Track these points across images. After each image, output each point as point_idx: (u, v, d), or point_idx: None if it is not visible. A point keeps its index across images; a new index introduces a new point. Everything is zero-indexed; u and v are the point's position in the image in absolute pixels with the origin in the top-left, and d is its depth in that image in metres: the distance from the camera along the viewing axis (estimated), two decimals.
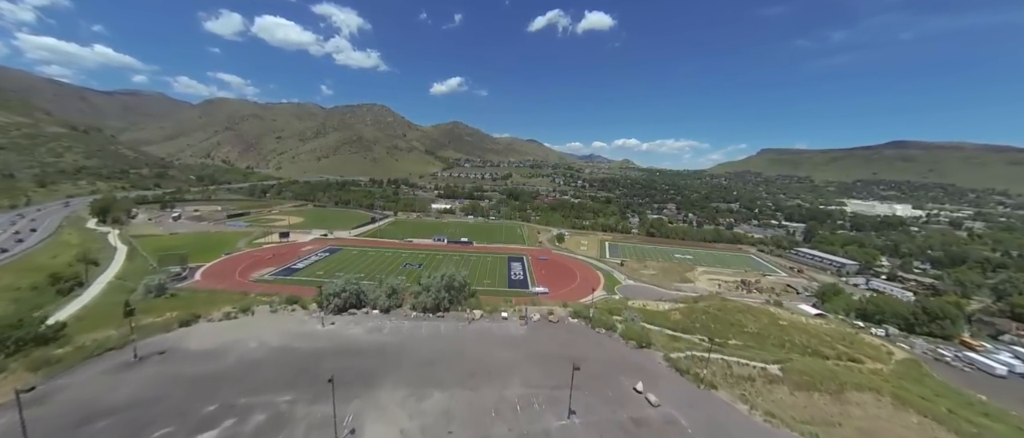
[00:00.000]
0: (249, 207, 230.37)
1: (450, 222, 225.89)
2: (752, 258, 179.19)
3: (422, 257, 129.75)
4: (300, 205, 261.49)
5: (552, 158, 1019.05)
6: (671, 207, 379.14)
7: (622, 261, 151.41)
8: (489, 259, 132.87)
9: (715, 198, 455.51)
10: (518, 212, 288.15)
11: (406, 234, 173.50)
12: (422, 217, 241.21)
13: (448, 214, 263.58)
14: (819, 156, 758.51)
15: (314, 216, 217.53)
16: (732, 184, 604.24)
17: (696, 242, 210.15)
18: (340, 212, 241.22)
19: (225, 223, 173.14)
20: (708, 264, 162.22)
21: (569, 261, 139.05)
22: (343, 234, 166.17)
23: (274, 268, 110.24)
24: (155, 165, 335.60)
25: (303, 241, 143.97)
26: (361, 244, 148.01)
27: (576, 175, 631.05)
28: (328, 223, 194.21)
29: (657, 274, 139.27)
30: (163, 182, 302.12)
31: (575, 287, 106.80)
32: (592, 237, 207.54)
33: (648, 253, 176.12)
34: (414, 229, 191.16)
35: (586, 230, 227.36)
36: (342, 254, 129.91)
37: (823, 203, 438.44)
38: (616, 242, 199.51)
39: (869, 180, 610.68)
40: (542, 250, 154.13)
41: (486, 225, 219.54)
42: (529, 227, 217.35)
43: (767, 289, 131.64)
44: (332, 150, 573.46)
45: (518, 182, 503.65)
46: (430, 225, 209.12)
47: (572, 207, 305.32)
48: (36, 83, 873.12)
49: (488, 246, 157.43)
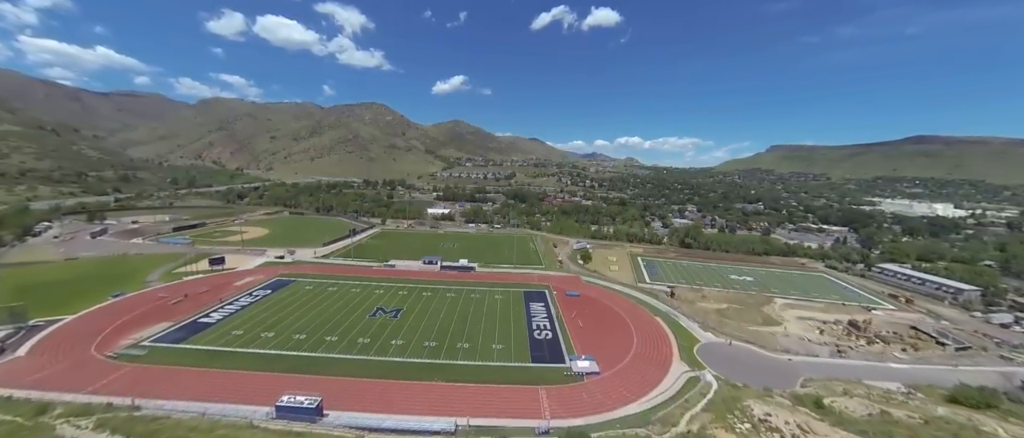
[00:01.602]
0: (211, 216, 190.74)
1: (448, 233, 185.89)
2: (827, 279, 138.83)
3: (403, 297, 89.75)
4: (274, 212, 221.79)
5: (555, 157, 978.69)
6: (691, 209, 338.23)
7: (671, 290, 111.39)
8: (498, 296, 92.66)
9: (734, 198, 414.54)
10: (526, 217, 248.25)
11: (390, 254, 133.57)
12: (415, 226, 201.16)
13: (446, 221, 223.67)
14: (834, 152, 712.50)
15: (284, 227, 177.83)
16: (747, 182, 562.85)
17: (744, 255, 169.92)
18: (318, 221, 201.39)
19: (159, 241, 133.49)
20: (778, 289, 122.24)
21: (607, 297, 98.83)
22: (307, 254, 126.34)
23: (172, 323, 70.56)
24: (122, 167, 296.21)
25: (244, 269, 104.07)
26: (324, 271, 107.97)
27: (582, 174, 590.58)
28: (297, 237, 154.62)
29: (727, 312, 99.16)
30: (127, 186, 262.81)
31: (635, 355, 66.74)
32: (619, 250, 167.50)
33: (695, 273, 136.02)
34: (402, 245, 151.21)
35: (610, 241, 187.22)
36: (289, 291, 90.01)
37: (851, 202, 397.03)
38: (649, 257, 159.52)
39: (891, 177, 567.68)
40: (567, 278, 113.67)
41: (491, 237, 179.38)
42: (542, 238, 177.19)
43: (889, 335, 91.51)
44: (327, 150, 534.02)
45: (523, 182, 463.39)
46: (423, 238, 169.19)
47: (586, 211, 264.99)
48: (26, 84, 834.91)
49: (495, 271, 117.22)
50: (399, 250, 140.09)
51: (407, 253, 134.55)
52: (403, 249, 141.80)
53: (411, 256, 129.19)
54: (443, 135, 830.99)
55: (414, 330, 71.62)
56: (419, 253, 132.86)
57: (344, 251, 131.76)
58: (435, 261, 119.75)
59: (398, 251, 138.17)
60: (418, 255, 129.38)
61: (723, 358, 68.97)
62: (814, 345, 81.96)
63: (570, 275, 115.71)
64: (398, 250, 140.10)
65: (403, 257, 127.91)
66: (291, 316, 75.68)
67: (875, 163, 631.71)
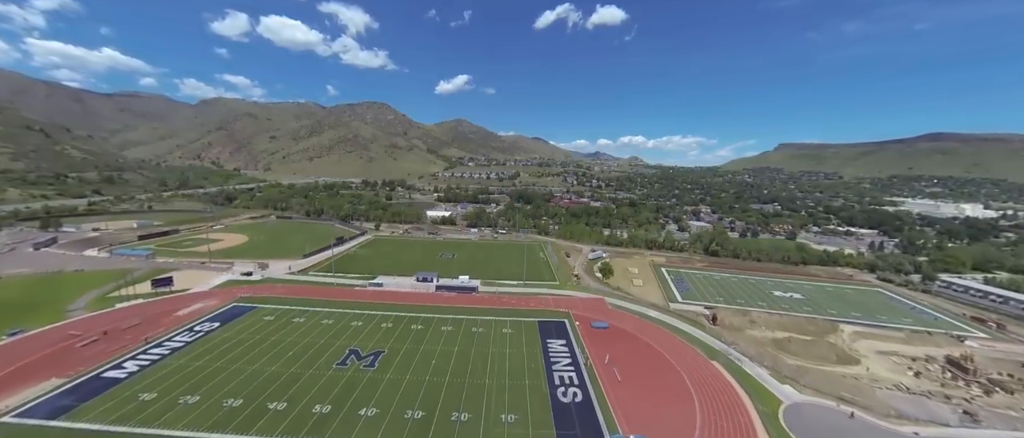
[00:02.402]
0: (188, 221, 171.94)
1: (448, 240, 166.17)
2: (887, 296, 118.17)
3: (386, 332, 70.04)
4: (260, 216, 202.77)
5: (558, 156, 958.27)
6: (705, 210, 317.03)
7: (713, 315, 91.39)
8: (507, 330, 72.73)
9: (748, 198, 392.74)
10: (532, 220, 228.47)
11: (380, 267, 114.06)
12: (412, 231, 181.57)
13: (447, 225, 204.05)
14: (846, 150, 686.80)
15: (267, 234, 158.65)
16: (759, 181, 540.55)
17: (780, 266, 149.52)
18: (307, 226, 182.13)
19: (113, 253, 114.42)
20: (836, 310, 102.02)
21: (642, 328, 78.74)
22: (282, 268, 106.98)
23: (65, 379, 51.16)
24: (108, 168, 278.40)
25: (196, 292, 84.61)
26: (295, 293, 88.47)
27: (587, 173, 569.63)
28: (278, 245, 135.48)
29: (788, 345, 78.93)
30: (109, 188, 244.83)
31: (704, 433, 46.74)
32: (639, 260, 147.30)
33: (732, 289, 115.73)
34: (395, 256, 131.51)
35: (626, 248, 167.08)
36: (243, 324, 70.48)
37: (871, 202, 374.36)
38: (674, 267, 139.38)
39: (907, 176, 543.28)
40: (590, 301, 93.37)
41: (495, 245, 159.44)
42: (553, 245, 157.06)
43: (1007, 379, 71.07)
44: (326, 150, 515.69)
45: (527, 182, 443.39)
46: (420, 247, 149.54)
47: (596, 213, 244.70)
48: (26, 84, 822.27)
49: (502, 291, 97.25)
50: (391, 263, 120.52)
51: (399, 266, 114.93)
52: (395, 261, 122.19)
53: (404, 270, 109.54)
54: (445, 134, 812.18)
55: (394, 390, 51.89)
56: (413, 267, 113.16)
57: (327, 264, 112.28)
58: (430, 278, 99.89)
59: (389, 264, 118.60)
60: (412, 269, 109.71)
61: (822, 430, 48.79)
62: (926, 400, 61.54)
63: (592, 297, 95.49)
64: (389, 263, 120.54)
65: (394, 272, 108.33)
66: (232, 367, 56.10)
67: (889, 161, 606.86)
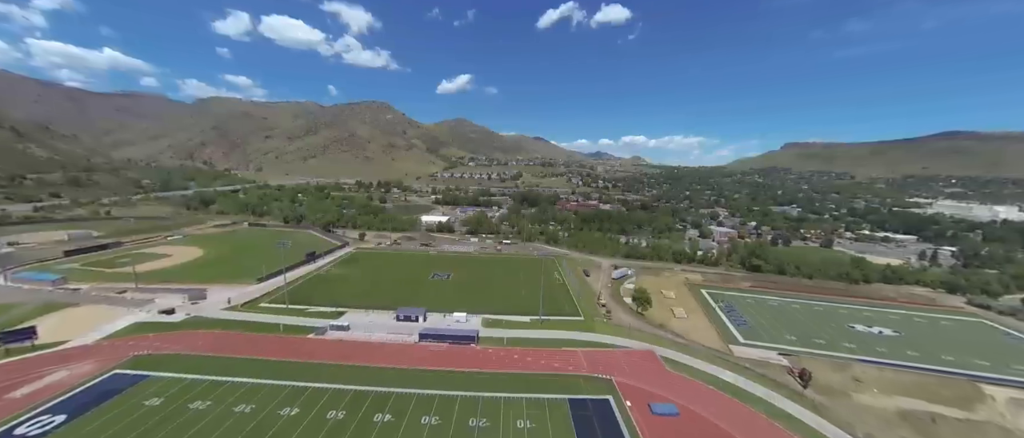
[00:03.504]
0: (141, 231, 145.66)
1: (443, 254, 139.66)
2: (997, 330, 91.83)
3: (333, 427, 43.95)
4: (231, 224, 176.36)
5: (560, 156, 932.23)
6: (722, 213, 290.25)
7: (799, 368, 65.21)
8: (523, 424, 46.11)
9: (763, 199, 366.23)
10: (539, 224, 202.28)
11: (352, 295, 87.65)
12: (402, 242, 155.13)
13: (444, 233, 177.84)
14: (856, 150, 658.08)
15: (228, 247, 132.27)
16: (770, 181, 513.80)
17: (843, 286, 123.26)
18: (280, 235, 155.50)
19: (9, 279, 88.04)
20: (952, 354, 75.97)
21: (728, 414, 52.30)
22: (221, 300, 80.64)
23: None
24: (77, 168, 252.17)
25: (68, 349, 57.99)
26: (219, 347, 61.93)
27: (592, 174, 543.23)
28: (233, 264, 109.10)
29: (938, 430, 52.71)
30: (70, 191, 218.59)
31: None
32: (672, 278, 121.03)
33: (798, 319, 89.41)
34: (375, 278, 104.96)
35: (652, 261, 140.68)
36: (113, 411, 43.88)
37: (894, 204, 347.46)
38: (714, 287, 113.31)
39: (923, 176, 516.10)
40: (636, 356, 66.69)
41: (500, 260, 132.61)
42: (569, 261, 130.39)
43: None
44: (321, 149, 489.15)
45: (530, 183, 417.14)
46: (409, 263, 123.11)
47: (609, 218, 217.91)
48: (17, 82, 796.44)
49: (511, 337, 70.74)
50: (369, 287, 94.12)
51: (379, 294, 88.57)
52: (375, 286, 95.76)
53: (383, 300, 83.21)
54: (445, 134, 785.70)
55: None
56: (396, 293, 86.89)
57: (281, 295, 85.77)
58: (415, 317, 73.37)
59: (367, 289, 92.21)
60: (394, 298, 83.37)
61: None
62: None
63: (637, 347, 68.61)
64: (368, 287, 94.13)
65: (371, 303, 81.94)
66: None
67: (903, 161, 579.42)
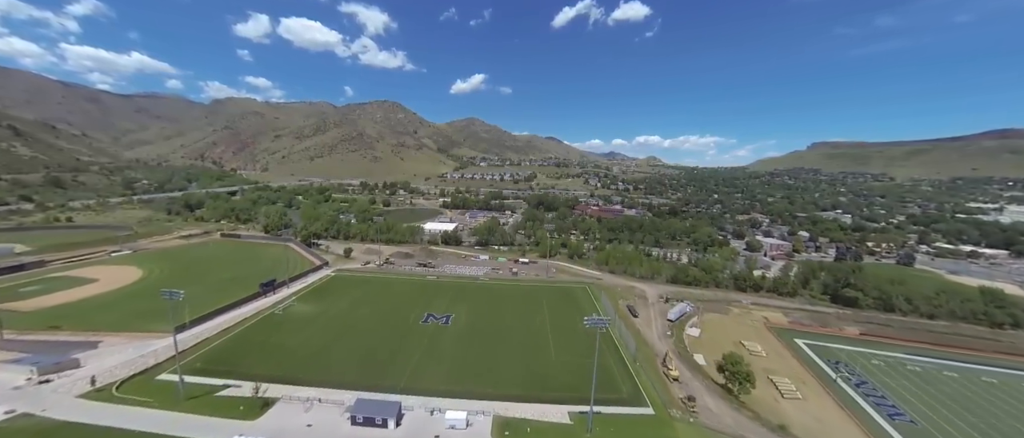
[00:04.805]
0: (86, 244, 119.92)
1: (445, 279, 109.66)
2: None
3: None
4: (202, 233, 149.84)
5: (573, 156, 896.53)
6: (759, 219, 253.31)
7: None
8: None
9: (803, 204, 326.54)
10: (560, 234, 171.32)
11: (297, 361, 57.92)
12: (396, 261, 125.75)
13: (450, 247, 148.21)
14: (892, 149, 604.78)
15: (179, 267, 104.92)
16: (801, 183, 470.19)
17: (989, 332, 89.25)
18: (252, 250, 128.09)
19: None
20: None
21: None
22: (102, 367, 52.58)
23: None
24: (62, 168, 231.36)
25: None
26: None
27: (609, 175, 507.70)
28: (177, 289, 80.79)
29: None
30: (48, 193, 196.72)
31: None
32: (743, 318, 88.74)
33: (968, 402, 56.31)
34: (346, 322, 75.13)
35: (707, 288, 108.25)
36: None
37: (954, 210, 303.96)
38: (812, 335, 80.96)
39: (972, 177, 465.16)
40: None
41: (516, 291, 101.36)
42: (606, 290, 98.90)
43: None
44: (329, 149, 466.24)
45: (545, 185, 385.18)
46: (399, 294, 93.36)
47: (640, 227, 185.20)
48: (43, 84, 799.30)
49: None
50: (330, 339, 64.58)
51: (338, 356, 58.99)
52: (337, 340, 66.08)
53: (340, 373, 53.58)
54: (457, 133, 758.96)
55: None
56: (363, 358, 57.21)
57: (195, 360, 56.81)
58: (381, 420, 43.11)
59: (328, 342, 62.71)
60: (357, 370, 53.76)
61: None
62: None
63: None
64: (329, 339, 64.63)
65: (319, 378, 52.34)
66: None
67: (946, 161, 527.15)
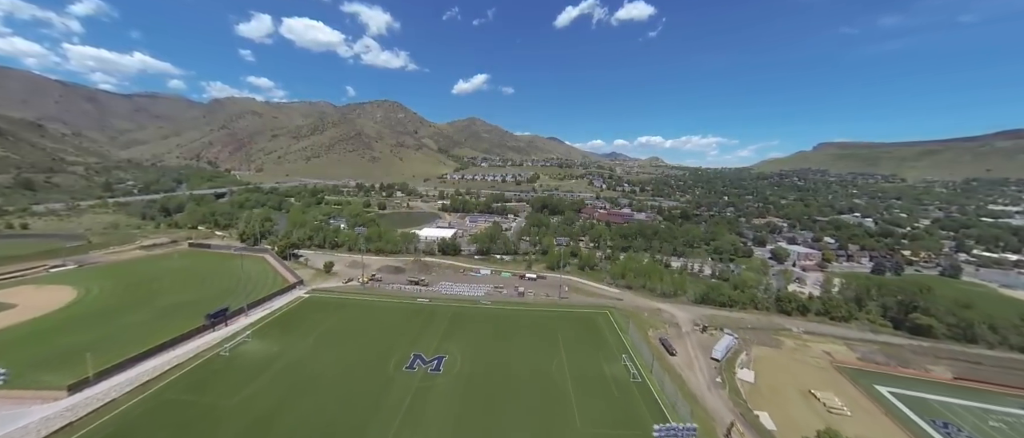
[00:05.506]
0: (23, 255, 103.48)
1: (438, 301, 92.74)
2: None
3: None
4: (169, 242, 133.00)
5: (575, 156, 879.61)
6: (777, 223, 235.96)
7: None
8: None
9: (817, 207, 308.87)
10: (568, 243, 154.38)
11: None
12: (383, 276, 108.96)
13: (447, 257, 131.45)
14: (902, 150, 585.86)
15: (124, 287, 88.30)
16: (811, 185, 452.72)
17: None
18: (220, 263, 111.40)
19: None
20: None
21: None
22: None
23: None
24: (32, 169, 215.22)
25: None
26: None
27: (613, 175, 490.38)
28: (99, 329, 63.86)
29: None
30: (14, 195, 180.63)
31: None
32: (802, 355, 71.76)
33: None
34: (305, 372, 57.40)
35: (748, 313, 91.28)
36: None
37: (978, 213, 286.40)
38: (894, 380, 63.76)
39: (987, 179, 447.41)
40: None
41: (524, 318, 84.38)
42: (630, 316, 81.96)
43: None
44: (325, 149, 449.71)
45: (548, 186, 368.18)
46: (380, 323, 76.53)
47: (655, 234, 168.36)
48: (41, 83, 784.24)
49: None
50: (276, 403, 47.43)
51: (289, 423, 42.19)
52: (288, 401, 48.83)
53: None
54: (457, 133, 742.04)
55: None
56: (322, 430, 40.53)
57: (87, 436, 40.25)
58: None
59: (266, 415, 45.45)
60: None
61: None
62: None
63: None
64: (272, 404, 47.46)
65: None
66: None
67: (957, 162, 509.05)
